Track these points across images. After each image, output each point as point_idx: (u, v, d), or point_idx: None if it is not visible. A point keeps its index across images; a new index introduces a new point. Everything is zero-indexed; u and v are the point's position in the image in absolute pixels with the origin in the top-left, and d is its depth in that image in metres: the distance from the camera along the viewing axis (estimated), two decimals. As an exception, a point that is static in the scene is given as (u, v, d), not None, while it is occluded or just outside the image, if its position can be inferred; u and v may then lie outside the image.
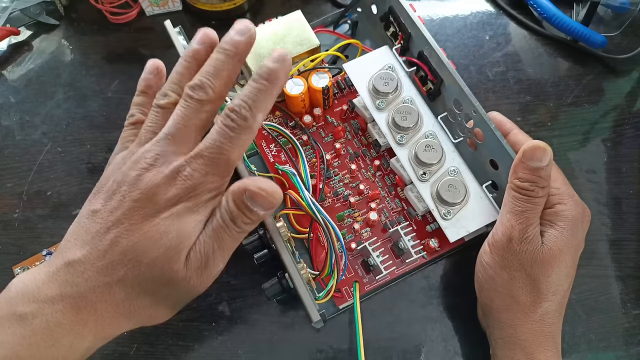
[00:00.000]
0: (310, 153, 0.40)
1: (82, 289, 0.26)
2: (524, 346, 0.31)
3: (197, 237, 0.27)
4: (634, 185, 0.42)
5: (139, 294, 0.27)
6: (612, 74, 0.46)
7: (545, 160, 0.30)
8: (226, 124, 0.27)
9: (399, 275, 0.37)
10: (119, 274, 0.26)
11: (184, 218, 0.27)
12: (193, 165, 0.27)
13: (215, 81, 0.27)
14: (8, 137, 0.44)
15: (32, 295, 0.26)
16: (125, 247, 0.26)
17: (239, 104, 0.27)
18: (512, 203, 0.31)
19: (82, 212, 0.28)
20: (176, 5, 0.49)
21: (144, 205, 0.26)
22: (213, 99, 0.28)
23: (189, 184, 0.26)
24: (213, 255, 0.28)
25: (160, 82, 0.32)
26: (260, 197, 0.27)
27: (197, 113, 0.27)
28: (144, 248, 0.26)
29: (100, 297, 0.26)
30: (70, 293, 0.26)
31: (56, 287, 0.26)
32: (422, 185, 0.36)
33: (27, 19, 0.48)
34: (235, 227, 0.27)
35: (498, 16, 0.49)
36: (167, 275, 0.27)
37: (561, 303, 0.32)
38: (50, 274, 0.26)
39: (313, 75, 0.38)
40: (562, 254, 0.31)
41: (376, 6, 0.43)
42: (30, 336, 0.25)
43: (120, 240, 0.26)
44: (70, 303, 0.26)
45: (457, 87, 0.35)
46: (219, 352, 0.37)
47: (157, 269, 0.27)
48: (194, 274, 0.27)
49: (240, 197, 0.27)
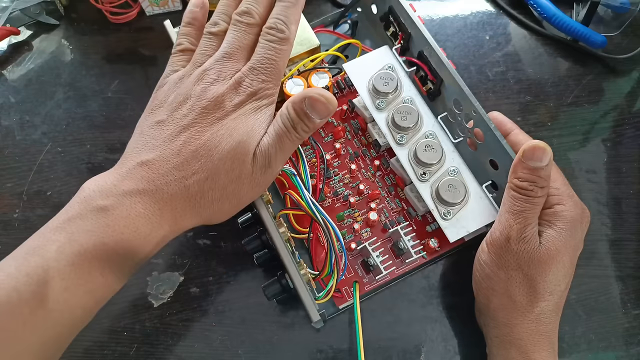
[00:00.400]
0: (310, 153, 0.40)
1: (158, 183, 0.29)
2: (520, 345, 0.31)
3: (261, 137, 0.30)
4: (634, 185, 0.42)
5: (211, 188, 0.29)
6: (612, 74, 0.46)
7: (545, 160, 0.30)
8: (269, 40, 0.31)
9: (399, 275, 0.37)
10: (193, 168, 0.29)
11: (249, 117, 0.30)
12: (250, 76, 0.31)
13: (259, 7, 0.32)
14: (8, 137, 0.44)
15: (109, 191, 0.28)
16: (198, 145, 0.29)
17: (274, 22, 0.32)
18: (510, 202, 0.31)
19: (143, 125, 0.31)
20: (176, 5, 0.49)
21: (213, 111, 0.30)
22: (258, 22, 0.32)
23: (250, 91, 0.30)
24: (275, 155, 0.30)
25: (205, 15, 0.35)
26: (319, 102, 0.30)
27: (246, 34, 0.32)
28: (216, 143, 0.29)
29: (175, 190, 0.29)
30: (148, 187, 0.28)
31: (133, 183, 0.28)
32: (422, 185, 0.36)
33: (27, 19, 0.48)
34: (295, 133, 0.31)
35: (498, 16, 0.49)
36: (237, 170, 0.30)
37: (558, 303, 0.32)
38: (124, 173, 0.29)
39: (313, 75, 0.38)
40: (560, 255, 0.31)
41: (376, 6, 0.43)
42: (114, 224, 0.27)
43: (192, 140, 0.29)
44: (148, 195, 0.28)
45: (457, 87, 0.35)
46: (219, 352, 0.37)
47: (228, 162, 0.29)
48: (259, 171, 0.30)
49: (300, 105, 0.30)
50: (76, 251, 0.26)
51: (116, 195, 0.28)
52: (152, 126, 0.30)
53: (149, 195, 0.28)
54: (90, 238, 0.27)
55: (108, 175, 0.29)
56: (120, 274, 0.28)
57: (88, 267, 0.27)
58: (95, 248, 0.27)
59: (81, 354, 0.36)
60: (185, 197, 0.29)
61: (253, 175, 0.30)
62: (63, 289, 0.26)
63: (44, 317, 0.26)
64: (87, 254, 0.27)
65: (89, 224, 0.27)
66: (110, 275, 0.28)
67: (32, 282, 0.25)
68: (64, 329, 0.27)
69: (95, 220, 0.27)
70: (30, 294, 0.25)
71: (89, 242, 0.27)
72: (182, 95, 0.31)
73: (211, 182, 0.29)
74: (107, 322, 0.37)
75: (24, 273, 0.26)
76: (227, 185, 0.30)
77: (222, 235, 0.40)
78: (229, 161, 0.29)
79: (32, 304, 0.25)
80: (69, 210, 0.28)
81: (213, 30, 0.33)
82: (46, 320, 0.26)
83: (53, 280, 0.26)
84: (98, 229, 0.27)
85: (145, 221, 0.28)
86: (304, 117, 0.31)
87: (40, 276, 0.25)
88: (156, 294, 0.38)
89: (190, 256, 0.39)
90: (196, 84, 0.31)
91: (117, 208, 0.28)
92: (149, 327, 0.37)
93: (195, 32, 0.34)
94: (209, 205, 0.30)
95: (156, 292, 0.38)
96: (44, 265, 0.26)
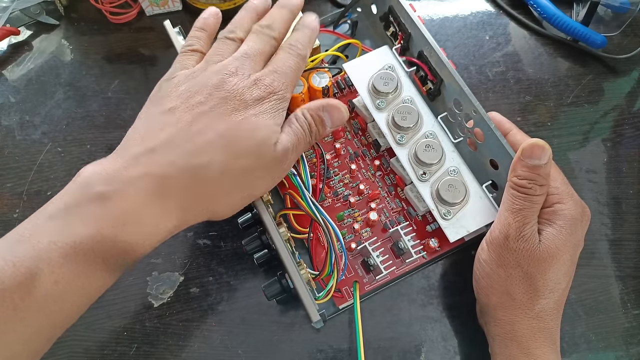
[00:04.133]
0: (310, 153, 0.40)
1: (167, 171, 0.27)
2: (521, 342, 0.31)
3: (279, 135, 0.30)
4: (634, 185, 0.42)
5: (225, 181, 0.29)
6: (612, 74, 0.46)
7: (544, 158, 0.30)
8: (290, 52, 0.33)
9: (399, 275, 0.37)
10: (207, 158, 0.28)
11: (272, 115, 0.30)
12: (271, 76, 0.31)
13: (280, 25, 0.34)
14: (8, 137, 0.44)
15: (111, 177, 0.26)
16: (215, 134, 0.28)
17: (295, 41, 0.33)
18: (510, 201, 0.31)
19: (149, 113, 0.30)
20: (176, 5, 0.49)
21: (231, 101, 0.29)
22: (277, 38, 0.33)
23: (270, 89, 0.30)
24: (291, 153, 0.31)
25: (217, 25, 0.35)
26: (336, 110, 0.32)
27: (266, 44, 0.33)
28: (236, 136, 0.28)
29: (186, 180, 0.27)
30: (155, 172, 0.26)
31: (139, 169, 0.26)
32: (422, 185, 0.36)
33: (27, 19, 0.48)
34: (310, 135, 0.32)
35: (498, 16, 0.49)
36: (255, 164, 0.29)
37: (559, 301, 0.32)
38: (129, 159, 0.27)
39: (313, 75, 0.38)
40: (560, 253, 0.31)
41: (376, 6, 0.43)
42: (115, 214, 0.25)
43: (208, 128, 0.28)
44: (156, 183, 0.26)
45: (457, 87, 0.35)
46: (219, 352, 0.37)
47: (250, 157, 0.29)
48: (276, 166, 0.30)
49: (317, 112, 0.32)
50: (71, 242, 0.24)
51: (119, 182, 0.26)
52: (162, 113, 0.29)
53: (157, 183, 0.26)
54: (86, 228, 0.25)
55: (109, 160, 0.27)
56: (116, 270, 0.26)
57: (83, 261, 0.25)
58: (92, 240, 0.25)
59: (81, 354, 0.36)
60: (195, 188, 0.28)
61: (269, 169, 0.30)
62: (53, 282, 0.24)
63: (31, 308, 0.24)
64: (83, 246, 0.24)
65: (86, 212, 0.25)
66: (105, 271, 0.26)
67: (18, 274, 0.23)
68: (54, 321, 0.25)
69: (93, 209, 0.25)
70: (17, 285, 0.23)
71: (85, 233, 0.25)
72: (198, 85, 0.30)
73: (227, 175, 0.28)
74: (107, 322, 0.37)
75: (10, 263, 0.24)
76: (241, 179, 0.29)
77: (222, 235, 0.40)
78: (251, 156, 0.29)
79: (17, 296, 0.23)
80: (64, 196, 0.26)
81: (230, 35, 0.33)
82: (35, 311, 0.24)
83: (42, 272, 0.24)
84: (96, 219, 0.25)
85: (150, 213, 0.26)
86: (319, 124, 0.32)
87: (29, 268, 0.23)
88: (156, 294, 0.38)
89: (190, 256, 0.39)
90: (214, 76, 0.30)
91: (120, 196, 0.25)
92: (149, 327, 0.37)
93: (206, 37, 0.34)
94: (220, 199, 0.29)
95: (156, 292, 0.38)
96: (34, 256, 0.24)
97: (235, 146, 0.28)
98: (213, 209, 0.30)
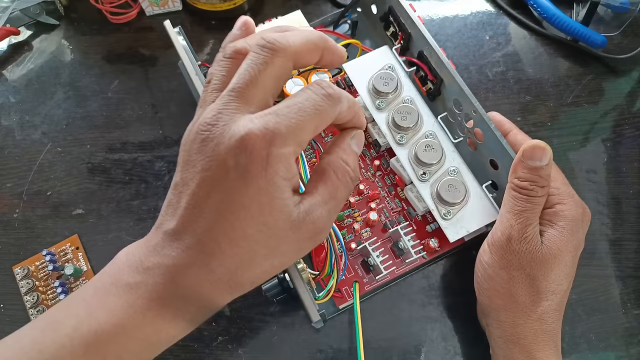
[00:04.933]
0: (310, 153, 0.40)
1: (178, 260, 0.24)
2: (523, 344, 0.31)
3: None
4: (634, 185, 0.42)
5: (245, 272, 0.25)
6: (612, 74, 0.46)
7: (545, 159, 0.30)
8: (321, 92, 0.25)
9: (399, 275, 0.37)
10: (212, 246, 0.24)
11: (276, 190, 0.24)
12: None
13: None
14: (8, 137, 0.44)
15: (135, 267, 0.25)
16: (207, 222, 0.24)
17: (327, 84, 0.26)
18: (511, 202, 0.31)
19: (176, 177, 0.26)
20: (176, 5, 0.49)
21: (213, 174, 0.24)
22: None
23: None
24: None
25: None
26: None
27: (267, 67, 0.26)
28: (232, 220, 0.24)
29: (198, 267, 0.24)
30: (168, 263, 0.25)
31: (158, 258, 0.25)
32: (422, 185, 0.36)
33: (27, 19, 0.48)
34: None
35: (498, 16, 0.49)
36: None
37: (561, 302, 0.32)
38: (151, 246, 0.25)
39: (313, 75, 0.38)
40: (562, 254, 0.31)
41: (376, 6, 0.43)
42: (136, 305, 0.24)
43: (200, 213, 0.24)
44: (168, 272, 0.24)
45: (457, 87, 0.35)
46: (219, 352, 0.37)
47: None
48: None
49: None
50: (93, 330, 0.24)
51: (141, 273, 0.25)
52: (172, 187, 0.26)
53: (170, 272, 0.25)
54: (109, 317, 0.24)
55: (141, 244, 0.26)
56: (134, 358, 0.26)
57: (104, 351, 0.24)
58: (114, 329, 0.24)
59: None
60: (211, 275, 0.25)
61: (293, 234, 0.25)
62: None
63: None
64: (104, 335, 0.24)
65: (112, 302, 0.25)
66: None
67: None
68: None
69: (119, 298, 0.25)
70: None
71: (108, 322, 0.24)
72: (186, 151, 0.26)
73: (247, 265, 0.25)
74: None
75: (36, 350, 0.24)
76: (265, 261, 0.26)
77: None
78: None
79: None
80: (98, 281, 0.26)
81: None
82: None
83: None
84: (120, 309, 0.24)
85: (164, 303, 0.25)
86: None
87: (53, 355, 0.24)
88: (156, 294, 0.38)
89: (190, 256, 0.39)
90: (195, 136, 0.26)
91: (141, 288, 0.25)
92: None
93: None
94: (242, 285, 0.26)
95: (156, 292, 0.38)
96: (57, 343, 0.24)
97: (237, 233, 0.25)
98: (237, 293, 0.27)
